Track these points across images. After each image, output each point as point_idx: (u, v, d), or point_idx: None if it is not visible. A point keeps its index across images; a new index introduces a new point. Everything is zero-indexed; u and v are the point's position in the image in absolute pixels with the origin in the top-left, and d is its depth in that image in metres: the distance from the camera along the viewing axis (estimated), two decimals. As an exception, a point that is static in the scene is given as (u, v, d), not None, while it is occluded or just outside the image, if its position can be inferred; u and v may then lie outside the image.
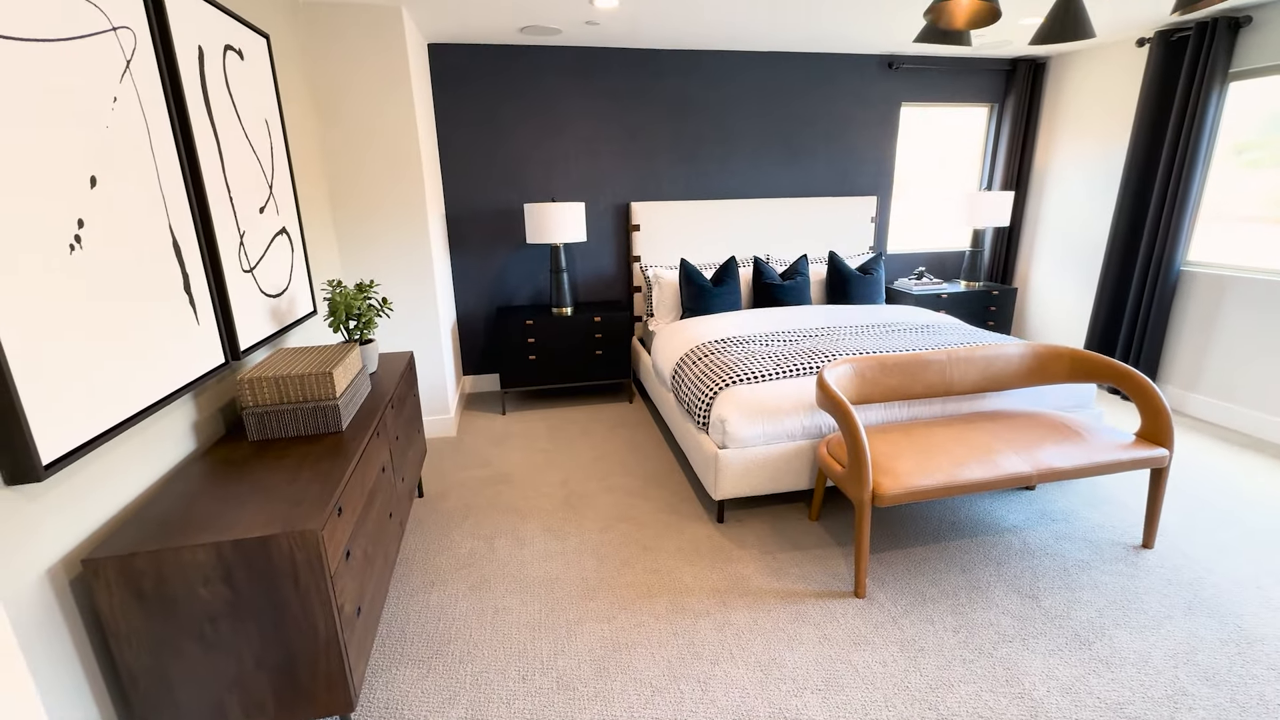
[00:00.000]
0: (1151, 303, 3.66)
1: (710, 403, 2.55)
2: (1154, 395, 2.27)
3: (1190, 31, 3.37)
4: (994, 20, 1.82)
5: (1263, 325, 3.24)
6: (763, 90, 4.10)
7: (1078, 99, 4.20)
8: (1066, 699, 1.66)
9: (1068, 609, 2.00)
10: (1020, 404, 2.69)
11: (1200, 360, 3.56)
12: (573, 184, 4.00)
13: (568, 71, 3.80)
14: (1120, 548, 2.33)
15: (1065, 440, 2.26)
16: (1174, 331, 3.68)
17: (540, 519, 2.62)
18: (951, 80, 4.42)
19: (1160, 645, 1.84)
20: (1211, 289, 3.47)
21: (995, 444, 2.22)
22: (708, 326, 3.32)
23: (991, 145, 4.67)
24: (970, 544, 2.37)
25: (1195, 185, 3.42)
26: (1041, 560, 2.26)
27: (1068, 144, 4.30)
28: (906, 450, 2.17)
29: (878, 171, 4.48)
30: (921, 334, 3.10)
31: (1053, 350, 2.55)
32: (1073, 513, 2.57)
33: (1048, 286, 4.57)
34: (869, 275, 3.94)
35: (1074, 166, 4.27)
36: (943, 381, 2.49)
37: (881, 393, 2.44)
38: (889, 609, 2.03)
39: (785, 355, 2.80)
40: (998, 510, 2.60)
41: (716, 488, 2.45)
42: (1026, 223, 4.70)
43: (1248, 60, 3.23)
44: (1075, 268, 4.32)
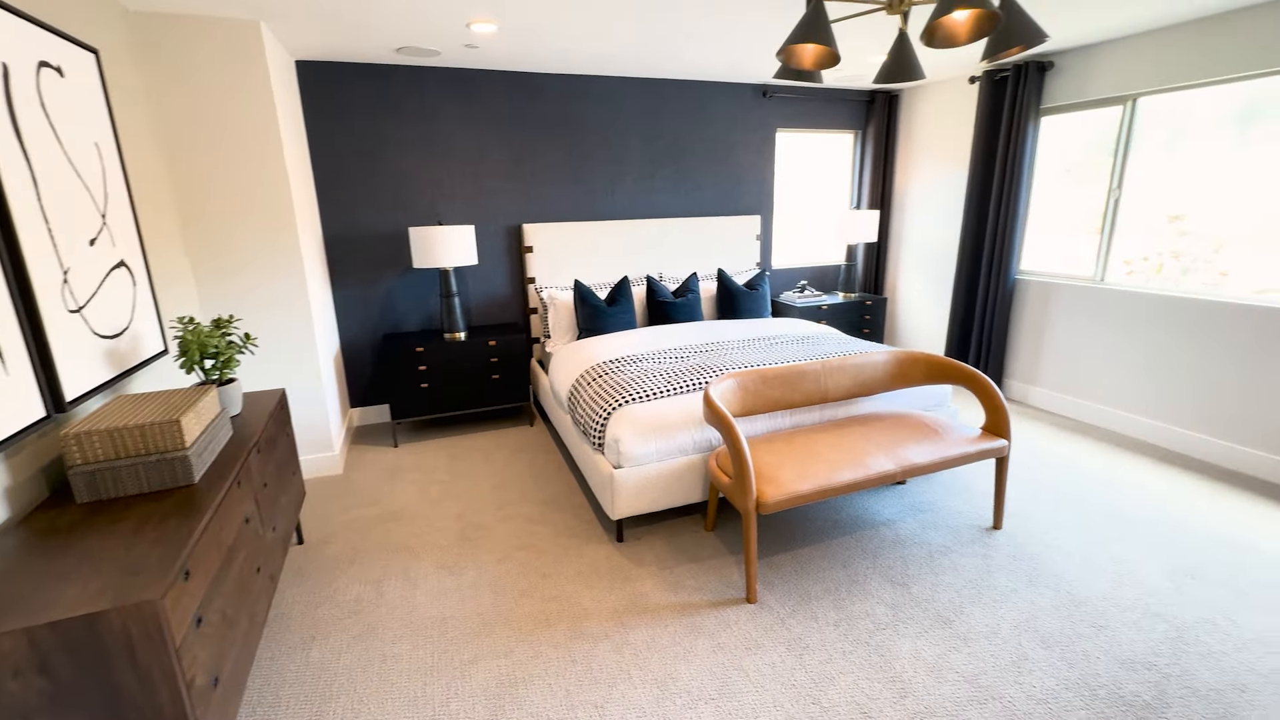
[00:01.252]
0: (994, 308, 4.13)
1: (605, 423, 2.58)
2: (994, 393, 2.56)
3: (1009, 73, 3.88)
4: (835, 63, 2.00)
5: (1081, 325, 3.76)
6: (649, 115, 4.24)
7: (926, 128, 4.69)
8: (931, 677, 1.82)
9: (933, 592, 2.20)
10: (888, 406, 2.94)
11: (1037, 357, 4.06)
12: (461, 206, 3.92)
13: (452, 92, 3.74)
14: (976, 530, 2.59)
15: (925, 438, 2.49)
16: (1014, 333, 4.18)
17: (434, 555, 2.52)
18: (820, 109, 4.79)
19: (1007, 617, 2.06)
20: (1041, 294, 3.97)
21: (866, 446, 2.41)
22: (603, 346, 3.36)
23: (858, 168, 5.10)
24: (850, 540, 2.55)
25: (1022, 203, 3.92)
26: (911, 549, 2.47)
27: (921, 168, 4.79)
28: (787, 458, 2.30)
29: (760, 192, 4.76)
30: (802, 345, 3.30)
31: (911, 356, 2.81)
32: (937, 502, 2.83)
33: (912, 296, 5.03)
34: (755, 290, 4.15)
35: (927, 188, 4.75)
36: (819, 390, 2.67)
37: (764, 404, 2.58)
38: (778, 611, 2.13)
39: (676, 372, 2.88)
40: (874, 506, 2.82)
41: (614, 508, 2.47)
42: (892, 238, 5.16)
43: (1054, 98, 3.77)
44: (933, 278, 4.80)
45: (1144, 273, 3.51)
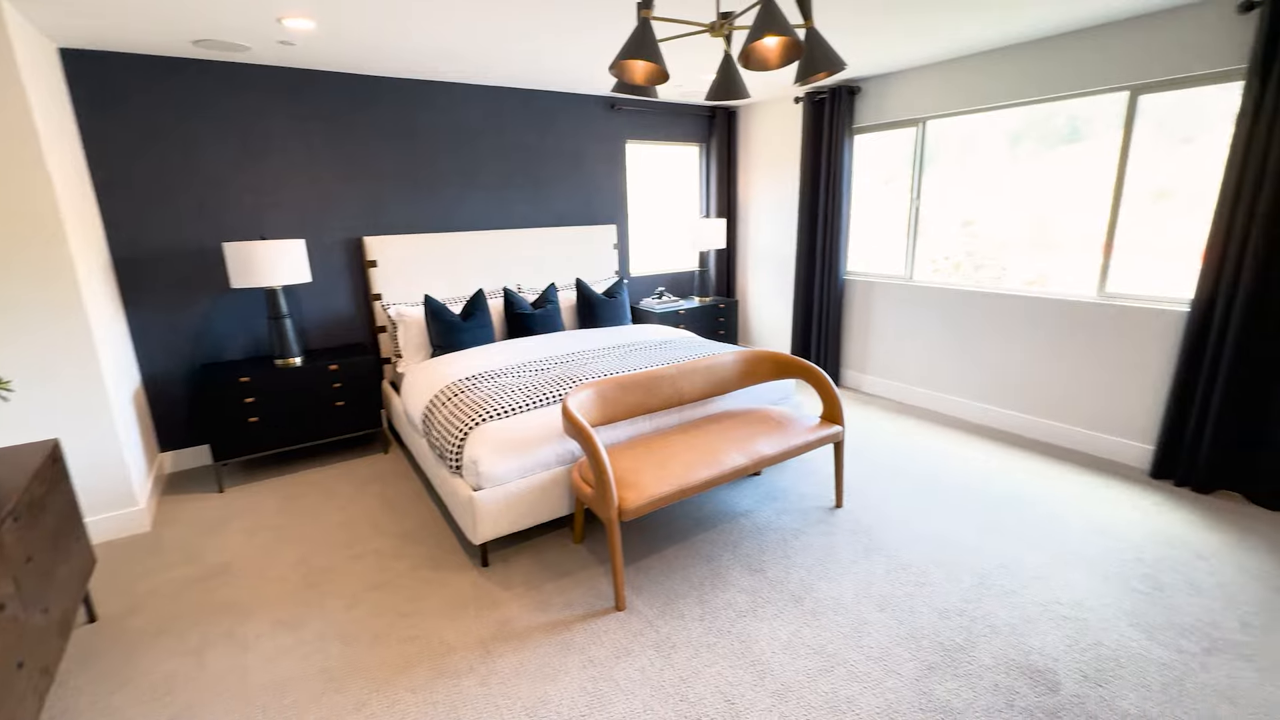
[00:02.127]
0: (828, 306, 4.57)
1: (462, 444, 2.46)
2: (827, 385, 2.81)
3: (826, 95, 4.31)
4: (665, 80, 2.08)
5: (898, 318, 4.27)
6: (498, 124, 4.14)
7: (762, 143, 5.08)
8: (786, 655, 1.95)
9: (786, 574, 2.36)
10: (740, 403, 3.12)
11: (866, 348, 4.54)
12: (288, 218, 3.55)
13: (276, 93, 3.38)
14: (822, 511, 2.82)
15: (773, 431, 2.67)
16: (846, 327, 4.65)
17: (269, 611, 2.24)
18: (667, 122, 4.99)
19: (849, 588, 2.27)
20: (865, 292, 4.46)
21: (721, 444, 2.53)
22: (459, 364, 3.21)
23: (705, 179, 5.39)
24: (713, 534, 2.66)
25: (845, 212, 4.37)
26: (767, 535, 2.63)
27: (760, 179, 5.17)
28: (647, 462, 2.35)
29: (614, 202, 4.85)
30: (660, 350, 3.41)
31: (758, 355, 3.01)
32: (789, 489, 3.05)
33: (761, 297, 5.41)
34: (614, 299, 4.22)
35: (767, 197, 5.14)
36: (676, 393, 2.76)
37: (623, 411, 2.61)
38: (646, 614, 2.16)
39: (537, 385, 2.83)
40: (734, 498, 2.97)
41: (476, 531, 2.36)
42: (739, 245, 5.51)
43: (862, 119, 4.25)
44: (777, 280, 5.19)
45: (946, 270, 4.08)
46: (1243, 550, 2.42)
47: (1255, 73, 2.54)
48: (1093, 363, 3.30)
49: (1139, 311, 3.09)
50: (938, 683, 1.82)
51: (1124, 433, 3.23)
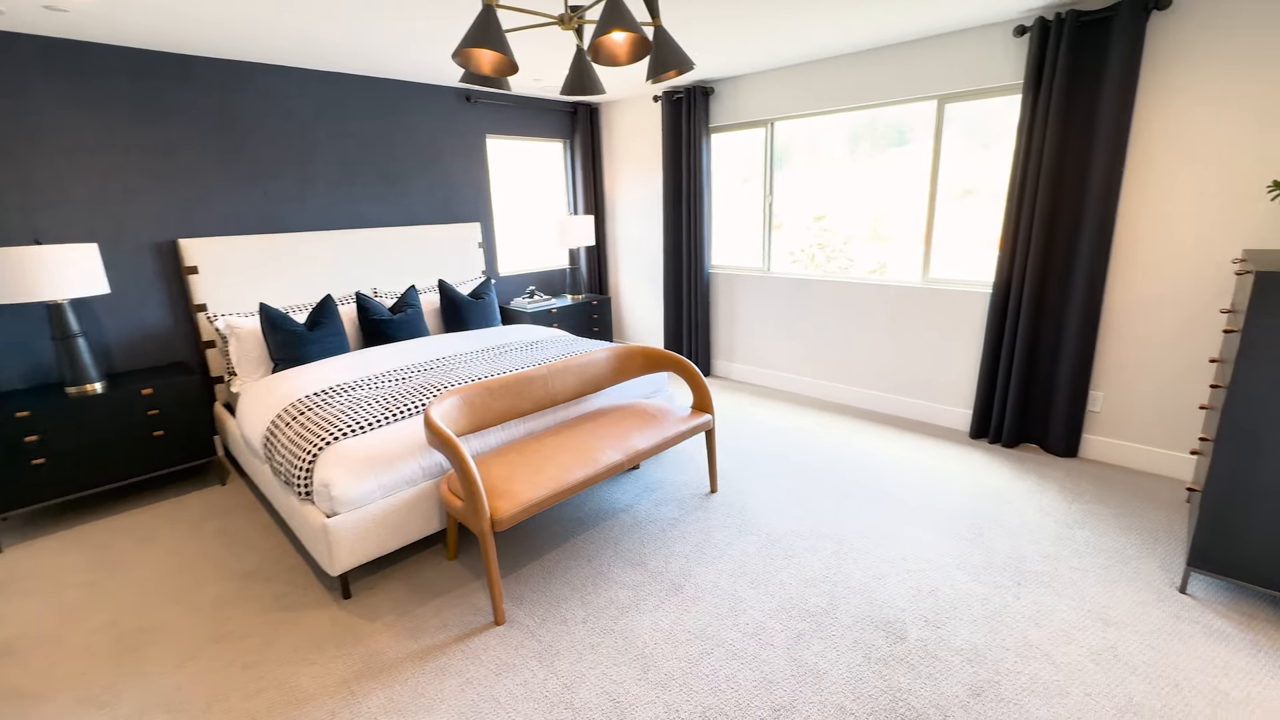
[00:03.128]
0: (696, 299, 4.73)
1: (310, 467, 2.22)
2: (696, 376, 2.91)
3: (683, 95, 4.45)
4: (513, 70, 2.01)
5: (759, 308, 4.53)
6: (338, 113, 3.79)
7: (625, 139, 5.13)
8: (669, 644, 1.98)
9: (666, 564, 2.41)
10: (614, 399, 3.13)
11: (732, 338, 4.77)
12: (74, 219, 2.99)
13: (52, 67, 2.81)
14: (698, 498, 2.92)
15: (647, 425, 2.71)
16: (714, 319, 4.85)
17: (72, 688, 1.88)
18: (528, 117, 4.88)
19: (724, 569, 2.36)
20: (729, 285, 4.68)
21: (596, 442, 2.51)
22: (306, 378, 2.90)
23: (571, 176, 5.34)
24: (594, 533, 2.64)
25: (706, 208, 4.55)
26: (646, 528, 2.67)
27: (625, 176, 5.23)
28: (520, 468, 2.27)
29: (477, 199, 4.65)
30: (532, 351, 3.32)
31: (629, 350, 3.04)
32: (667, 480, 3.11)
33: (633, 293, 5.48)
34: (482, 300, 4.05)
35: (633, 194, 5.21)
36: (548, 394, 2.70)
37: (494, 416, 2.51)
38: (527, 624, 2.09)
39: (397, 396, 2.63)
40: (614, 494, 2.97)
41: (333, 562, 2.14)
42: (609, 241, 5.54)
43: (718, 119, 4.44)
44: (648, 276, 5.29)
45: (803, 261, 4.39)
46: (1040, 494, 2.86)
47: (1029, 88, 2.98)
48: (921, 341, 3.72)
49: (954, 294, 3.53)
50: (806, 648, 1.94)
51: (949, 401, 3.68)
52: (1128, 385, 3.05)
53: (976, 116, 3.38)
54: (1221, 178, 2.65)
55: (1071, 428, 3.19)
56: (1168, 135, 2.75)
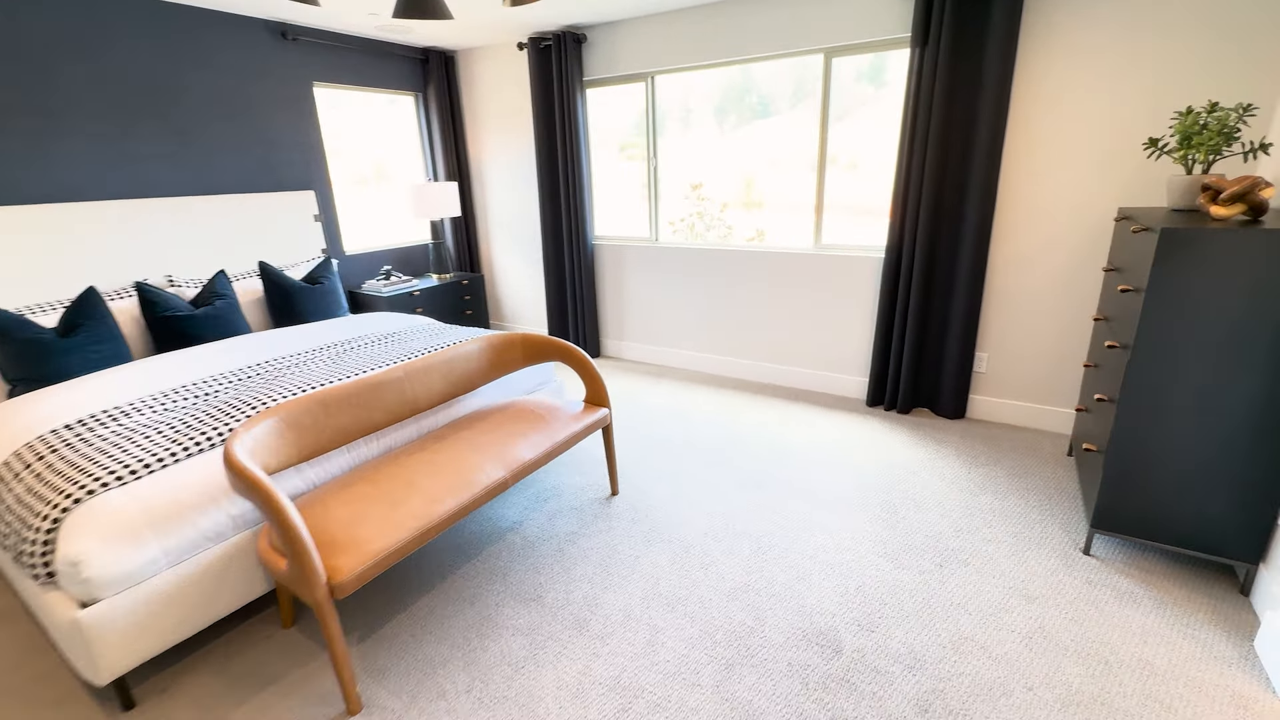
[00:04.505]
0: (581, 273, 4.31)
1: (50, 539, 1.56)
2: (587, 365, 2.51)
3: (551, 42, 3.92)
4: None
5: (647, 280, 4.20)
6: (102, 43, 2.85)
7: (488, 94, 4.50)
8: (578, 705, 1.62)
9: (567, 593, 2.03)
10: (493, 397, 2.66)
11: (622, 314, 4.42)
12: None
13: None
14: (598, 503, 2.56)
15: (533, 428, 2.28)
16: (601, 295, 4.46)
17: None
18: (367, 64, 4.09)
19: (635, 592, 2.03)
20: (615, 257, 4.29)
21: (472, 458, 2.05)
22: (56, 404, 2.13)
23: (427, 136, 4.63)
24: (477, 564, 2.20)
25: (586, 172, 4.10)
26: (541, 549, 2.26)
27: (491, 136, 4.61)
28: (371, 504, 1.77)
29: (308, 161, 3.84)
30: (386, 345, 2.74)
31: (506, 340, 2.57)
32: (561, 485, 2.72)
33: (510, 269, 4.93)
34: (321, 284, 3.34)
35: (502, 157, 4.62)
36: (406, 401, 2.18)
37: (333, 437, 1.95)
38: (393, 707, 1.63)
39: (195, 419, 1.98)
40: (499, 510, 2.53)
41: (97, 668, 1.53)
42: (478, 212, 4.92)
43: (592, 71, 3.98)
44: (525, 250, 4.76)
45: (683, 231, 4.10)
46: (940, 460, 2.83)
47: (917, 40, 2.85)
48: (816, 309, 3.60)
49: (848, 260, 3.42)
50: (738, 681, 1.67)
51: (846, 369, 3.61)
52: (1010, 345, 3.11)
53: (866, 74, 3.22)
54: (1098, 135, 2.68)
55: (960, 390, 3.21)
56: (1048, 91, 2.73)
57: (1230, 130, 2.04)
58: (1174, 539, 1.98)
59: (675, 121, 3.88)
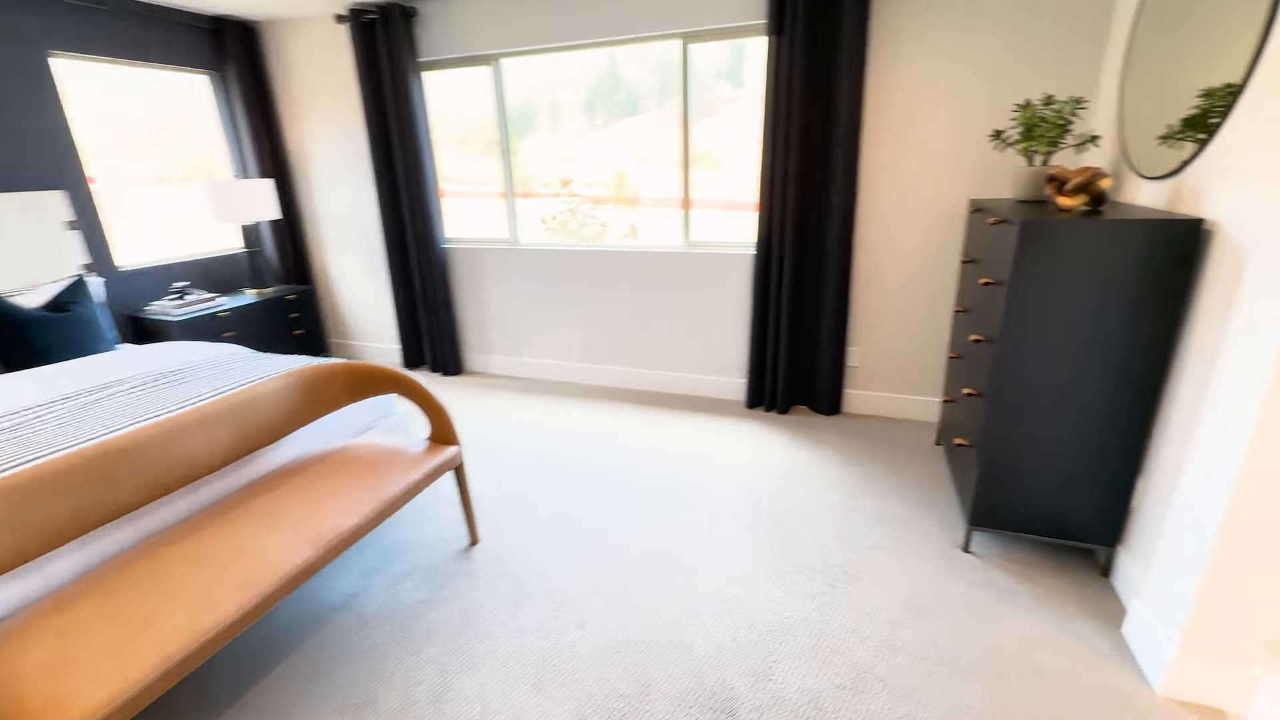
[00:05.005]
0: (433, 281, 3.81)
1: None
2: (426, 396, 2.10)
3: (376, 16, 3.38)
4: None
5: (510, 286, 3.80)
6: None
7: (306, 75, 3.84)
8: None
9: (408, 691, 1.63)
10: (312, 443, 2.16)
11: (483, 325, 3.98)
12: None
13: None
14: (454, 559, 2.16)
15: (361, 483, 1.84)
16: (459, 304, 3.99)
17: None
18: (136, 31, 3.29)
19: (497, 671, 1.68)
20: (470, 261, 3.85)
21: (265, 536, 1.58)
22: None
23: (231, 124, 3.87)
24: (296, 661, 1.73)
25: (428, 166, 3.61)
26: (379, 631, 1.84)
27: (314, 125, 3.95)
28: (100, 632, 1.26)
29: (54, 153, 3.00)
30: (160, 389, 2.13)
31: (322, 372, 2.08)
32: (408, 540, 2.28)
33: (349, 279, 4.29)
34: (70, 312, 2.59)
35: (328, 149, 3.97)
36: (173, 466, 1.65)
37: (44, 535, 1.40)
38: None
39: None
40: (327, 584, 2.05)
41: None
42: (305, 213, 4.22)
43: (428, 51, 3.49)
44: (367, 256, 4.16)
45: (555, 229, 3.77)
46: (821, 463, 2.75)
47: (772, 28, 2.72)
48: (690, 310, 3.42)
49: (718, 258, 3.27)
50: (620, 777, 1.39)
51: (724, 371, 3.47)
52: (878, 338, 3.12)
53: (730, 67, 3.07)
54: (946, 127, 2.70)
55: (834, 386, 3.18)
56: (899, 82, 2.72)
57: (1065, 123, 2.08)
58: (1044, 529, 1.98)
59: (545, 116, 3.55)
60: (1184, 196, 1.74)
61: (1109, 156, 2.25)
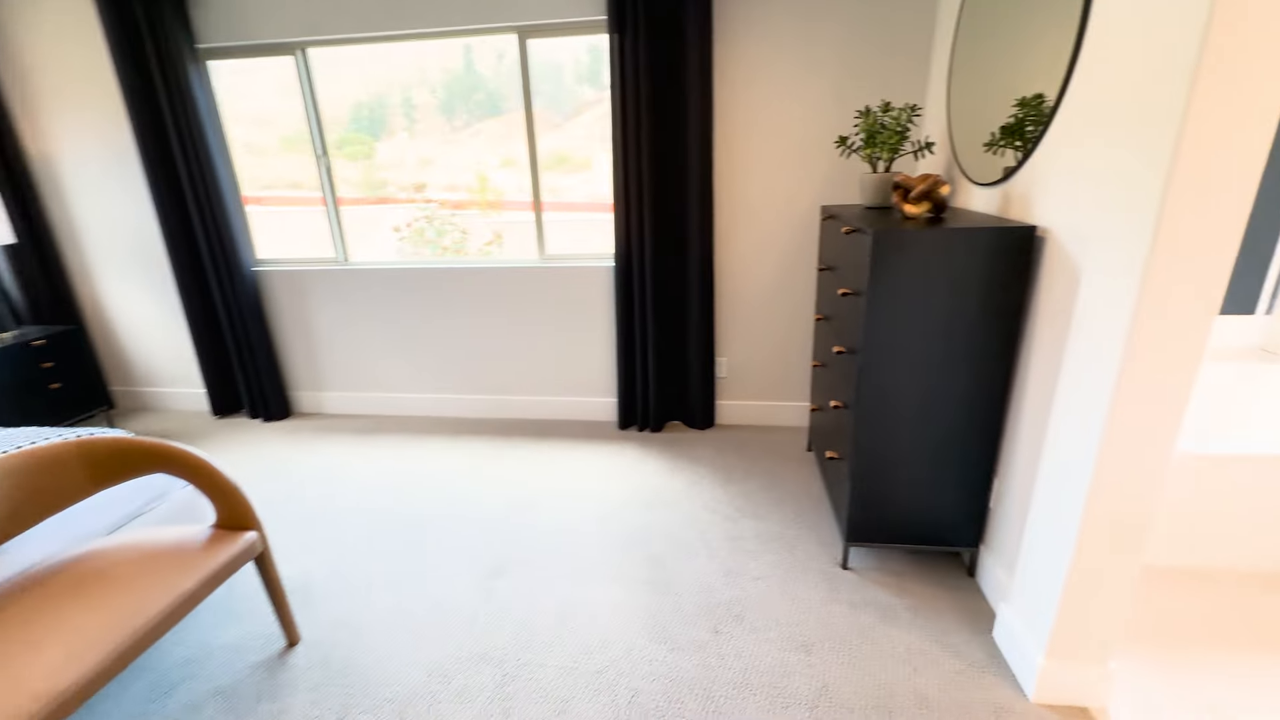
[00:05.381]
0: (241, 311, 3.19)
1: None
2: (206, 470, 1.64)
3: (133, -12, 2.73)
4: None
5: (341, 312, 3.29)
6: None
7: (43, 57, 3.04)
8: None
9: None
10: (41, 552, 1.61)
11: (314, 359, 3.42)
12: None
13: None
14: (266, 667, 1.72)
15: (97, 608, 1.36)
16: (279, 336, 3.39)
17: None
18: None
19: (314, 829, 1.31)
20: (290, 285, 3.28)
21: (-75, 718, 1.08)
22: None
23: (-68, 120, 2.96)
24: None
25: (222, 175, 3.00)
26: (147, 800, 1.38)
27: (64, 123, 3.14)
28: None
29: None
30: None
31: (44, 457, 1.55)
32: (206, 648, 1.80)
33: (134, 313, 3.50)
34: None
35: (85, 152, 3.18)
36: None
37: None
38: None
39: None
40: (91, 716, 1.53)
41: None
42: (60, 233, 3.37)
43: (212, 36, 2.88)
44: (153, 283, 3.40)
45: (411, 238, 3.32)
46: (698, 483, 2.61)
47: (613, 25, 2.53)
48: (553, 328, 3.16)
49: (578, 271, 3.04)
50: None
51: (594, 391, 3.25)
52: (744, 347, 3.06)
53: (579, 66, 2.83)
54: (794, 132, 2.67)
55: (706, 399, 3.08)
56: (745, 85, 2.65)
57: (904, 130, 2.09)
58: (915, 538, 1.97)
59: (399, 116, 3.08)
60: (1014, 203, 1.78)
61: (944, 163, 2.31)
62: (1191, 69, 1.05)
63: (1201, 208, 1.12)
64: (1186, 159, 1.10)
